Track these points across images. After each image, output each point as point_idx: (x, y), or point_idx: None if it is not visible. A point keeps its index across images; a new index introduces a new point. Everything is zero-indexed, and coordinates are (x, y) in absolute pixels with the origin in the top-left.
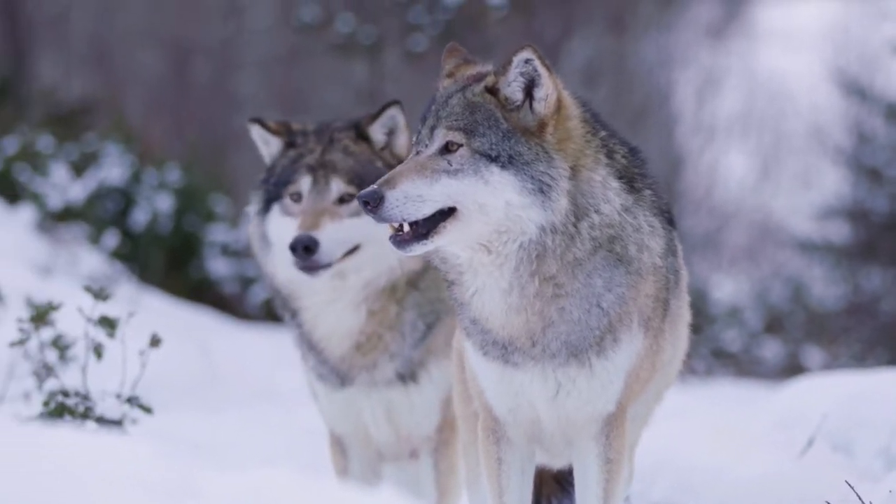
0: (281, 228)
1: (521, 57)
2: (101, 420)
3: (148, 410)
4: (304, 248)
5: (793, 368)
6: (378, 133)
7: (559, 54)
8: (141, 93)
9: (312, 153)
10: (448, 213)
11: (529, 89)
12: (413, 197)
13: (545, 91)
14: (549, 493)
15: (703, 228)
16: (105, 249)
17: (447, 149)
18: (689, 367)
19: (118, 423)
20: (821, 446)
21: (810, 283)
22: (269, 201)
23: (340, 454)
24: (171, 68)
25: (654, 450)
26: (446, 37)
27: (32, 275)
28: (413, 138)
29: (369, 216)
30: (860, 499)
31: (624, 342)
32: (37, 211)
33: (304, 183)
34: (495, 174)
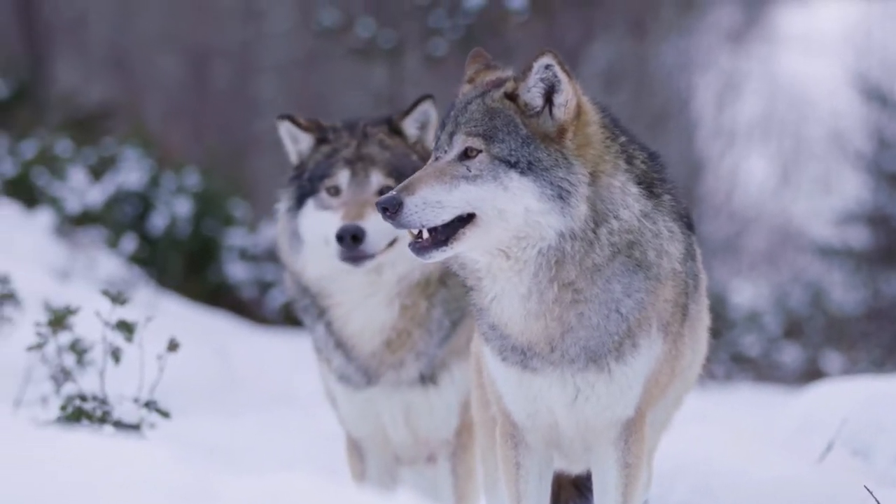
0: (316, 223)
1: (542, 62)
2: (119, 424)
3: (166, 415)
4: (352, 237)
5: (812, 373)
6: (411, 127)
7: (580, 58)
8: (160, 97)
9: (348, 147)
10: (467, 220)
11: (549, 95)
12: (432, 203)
13: (565, 97)
14: (568, 499)
15: (722, 233)
16: (123, 253)
17: (466, 155)
18: (708, 372)
19: (136, 427)
20: (840, 451)
21: (830, 288)
22: (303, 197)
23: (358, 458)
24: (189, 73)
25: (673, 454)
26: (466, 41)
27: (50, 279)
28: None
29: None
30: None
31: (643, 347)
32: (55, 215)
33: (342, 176)
34: (514, 180)
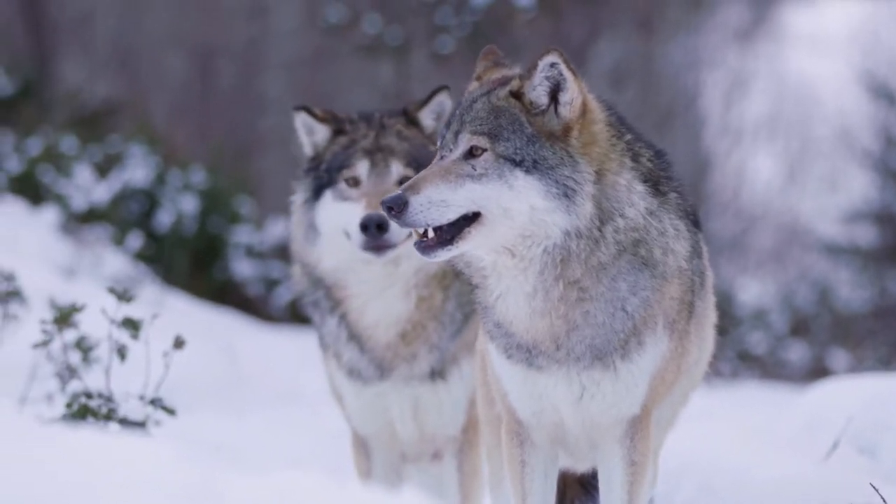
0: (335, 213)
1: (547, 61)
2: (125, 422)
3: (171, 412)
4: (377, 226)
5: (818, 371)
6: (427, 118)
7: (587, 56)
8: (166, 95)
9: (366, 138)
10: (472, 218)
11: (555, 93)
12: (437, 202)
13: (570, 95)
14: (573, 497)
15: (729, 231)
16: (129, 251)
17: (471, 153)
18: (714, 370)
19: (141, 424)
20: (846, 449)
21: (836, 286)
22: (321, 188)
23: (364, 456)
24: (195, 70)
25: (679, 451)
26: (473, 38)
27: (56, 276)
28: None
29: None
30: (885, 501)
31: (649, 345)
32: (60, 212)
33: (361, 166)
34: (520, 179)
